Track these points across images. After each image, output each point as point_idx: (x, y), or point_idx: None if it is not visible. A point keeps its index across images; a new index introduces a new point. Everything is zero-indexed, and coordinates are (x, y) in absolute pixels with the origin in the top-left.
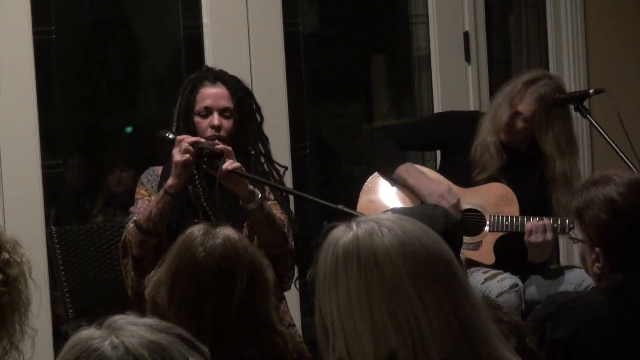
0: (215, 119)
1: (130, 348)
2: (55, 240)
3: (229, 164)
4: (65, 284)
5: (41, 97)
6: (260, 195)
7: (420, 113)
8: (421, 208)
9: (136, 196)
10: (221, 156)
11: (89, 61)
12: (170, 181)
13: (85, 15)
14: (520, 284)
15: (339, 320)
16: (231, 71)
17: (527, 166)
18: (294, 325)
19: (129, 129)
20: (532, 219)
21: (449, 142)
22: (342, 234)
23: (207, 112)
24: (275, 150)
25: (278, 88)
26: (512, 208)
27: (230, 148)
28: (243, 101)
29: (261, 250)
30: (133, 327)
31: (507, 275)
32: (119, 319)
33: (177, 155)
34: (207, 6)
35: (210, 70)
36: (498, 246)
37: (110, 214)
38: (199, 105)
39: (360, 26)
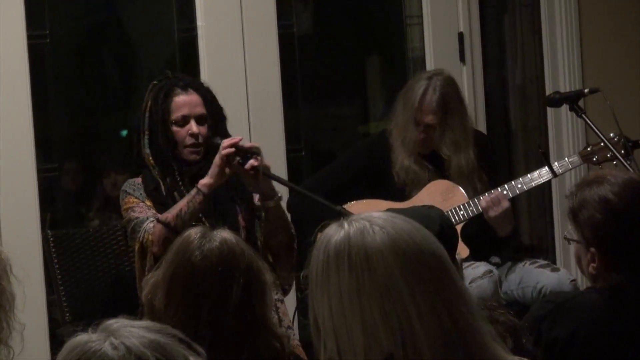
0: (194, 127)
1: (131, 348)
2: (52, 245)
3: (261, 162)
4: (62, 287)
5: (36, 101)
6: (280, 194)
7: None
8: (416, 209)
9: (127, 205)
10: (254, 154)
11: (83, 65)
12: (206, 180)
13: (80, 19)
14: (495, 270)
15: (330, 319)
16: (226, 73)
17: (441, 163)
18: (291, 328)
19: (124, 133)
20: (481, 197)
21: (372, 171)
22: (333, 233)
23: (184, 120)
24: (270, 152)
25: (273, 90)
26: (458, 197)
27: (258, 146)
28: (213, 105)
29: (266, 252)
30: (130, 329)
31: (480, 263)
32: (114, 323)
33: (218, 157)
34: (201, 8)
35: (177, 77)
36: (465, 237)
37: (106, 217)
38: (176, 115)
39: (354, 27)
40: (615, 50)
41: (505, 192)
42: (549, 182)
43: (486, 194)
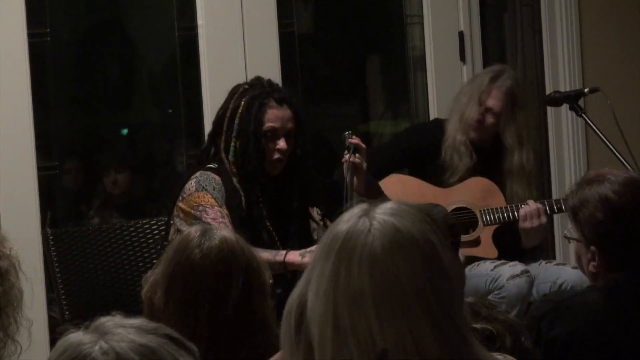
0: (282, 142)
1: (120, 353)
2: (51, 243)
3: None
4: (61, 286)
5: (36, 99)
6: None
7: (416, 113)
8: (421, 206)
9: (200, 201)
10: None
11: (84, 63)
12: (295, 259)
13: (80, 18)
14: (531, 271)
15: (313, 299)
16: (226, 72)
17: (492, 162)
18: None
19: (124, 131)
20: (521, 205)
21: (417, 155)
22: (346, 219)
23: (274, 134)
24: None
25: None
26: (498, 199)
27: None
28: (302, 121)
29: None
30: (121, 330)
31: (516, 262)
32: (107, 321)
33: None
34: (201, 7)
35: (272, 87)
36: (495, 238)
37: (107, 215)
38: (266, 126)
39: (355, 26)
40: (616, 50)
41: (545, 208)
42: (548, 180)
43: (528, 204)
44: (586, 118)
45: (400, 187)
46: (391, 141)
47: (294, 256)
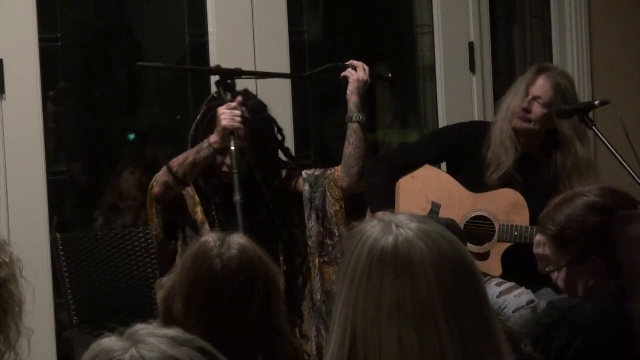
0: None
1: None
2: (60, 247)
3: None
4: (69, 290)
5: (46, 103)
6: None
7: (425, 123)
8: (438, 219)
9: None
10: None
11: (94, 68)
12: (215, 139)
13: (91, 22)
14: (536, 300)
15: (363, 325)
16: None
17: (538, 169)
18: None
19: (131, 136)
20: None
21: (457, 152)
22: (378, 235)
23: None
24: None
25: (283, 96)
26: (522, 216)
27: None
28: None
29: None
30: (154, 340)
31: (522, 290)
32: (141, 329)
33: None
34: (212, 14)
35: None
36: (506, 255)
37: (112, 217)
38: None
39: (365, 35)
40: (625, 62)
41: None
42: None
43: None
44: (596, 130)
45: (433, 179)
46: (430, 137)
47: (214, 137)
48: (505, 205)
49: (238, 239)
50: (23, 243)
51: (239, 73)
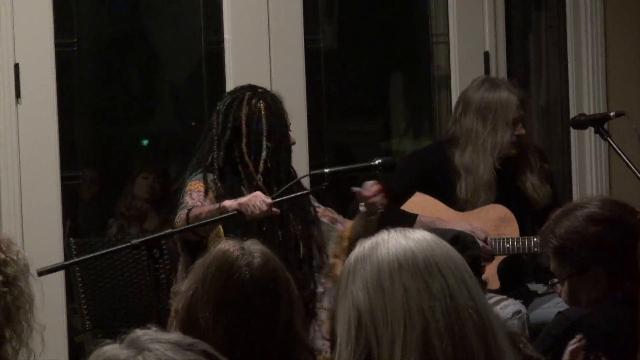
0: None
1: None
2: (74, 253)
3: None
4: (83, 295)
5: (62, 108)
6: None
7: (439, 132)
8: (448, 231)
9: (191, 187)
10: None
11: (109, 73)
12: (230, 203)
13: (107, 28)
14: (524, 310)
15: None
16: None
17: (512, 170)
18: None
19: (145, 142)
20: (532, 239)
21: (426, 181)
22: (389, 242)
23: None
24: (293, 165)
25: (298, 104)
26: (511, 229)
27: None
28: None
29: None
30: (158, 346)
31: (510, 301)
32: (142, 335)
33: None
34: (228, 22)
35: (265, 90)
36: (500, 269)
37: (126, 224)
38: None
39: (380, 44)
40: None
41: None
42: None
43: (534, 239)
44: (611, 142)
45: (419, 204)
46: (399, 168)
47: (228, 202)
48: (493, 220)
49: (256, 246)
50: (37, 248)
51: None
